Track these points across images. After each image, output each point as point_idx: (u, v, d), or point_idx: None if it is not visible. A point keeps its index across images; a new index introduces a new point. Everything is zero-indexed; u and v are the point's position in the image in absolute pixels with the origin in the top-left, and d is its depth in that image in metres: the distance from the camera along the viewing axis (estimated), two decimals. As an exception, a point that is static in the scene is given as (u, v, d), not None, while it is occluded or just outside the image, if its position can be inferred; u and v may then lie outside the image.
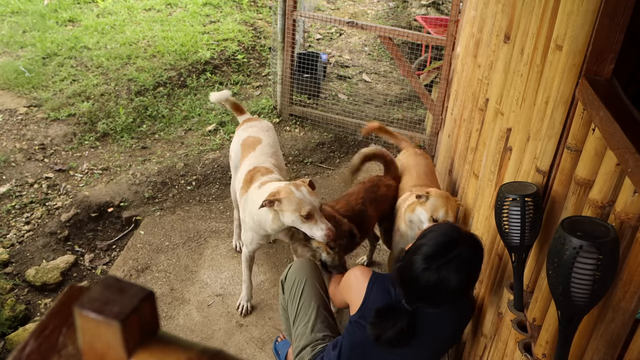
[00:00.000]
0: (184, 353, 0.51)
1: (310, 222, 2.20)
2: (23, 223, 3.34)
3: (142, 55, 5.21)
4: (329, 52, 5.83)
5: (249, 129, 2.90)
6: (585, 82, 1.38)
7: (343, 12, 6.90)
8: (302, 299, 2.17)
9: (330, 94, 5.06)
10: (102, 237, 3.37)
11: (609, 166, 1.22)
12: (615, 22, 1.34)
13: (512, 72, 1.98)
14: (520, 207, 1.50)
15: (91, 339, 0.51)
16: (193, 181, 3.82)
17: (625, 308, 1.15)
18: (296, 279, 2.22)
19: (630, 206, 1.14)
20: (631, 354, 1.13)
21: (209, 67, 5.17)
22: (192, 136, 4.34)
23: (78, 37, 5.44)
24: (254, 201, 2.40)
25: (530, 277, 1.67)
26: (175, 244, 3.26)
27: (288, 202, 2.20)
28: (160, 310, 2.77)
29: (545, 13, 1.64)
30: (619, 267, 1.16)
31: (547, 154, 1.57)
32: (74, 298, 0.55)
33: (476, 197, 2.39)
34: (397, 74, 5.47)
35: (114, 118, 4.37)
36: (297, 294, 2.19)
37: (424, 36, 4.00)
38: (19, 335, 2.62)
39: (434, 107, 4.05)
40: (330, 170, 4.08)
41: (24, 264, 3.08)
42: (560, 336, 1.27)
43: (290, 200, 2.20)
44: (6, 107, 4.44)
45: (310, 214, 2.19)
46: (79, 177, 3.80)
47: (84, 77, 4.85)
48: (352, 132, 4.44)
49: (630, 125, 1.15)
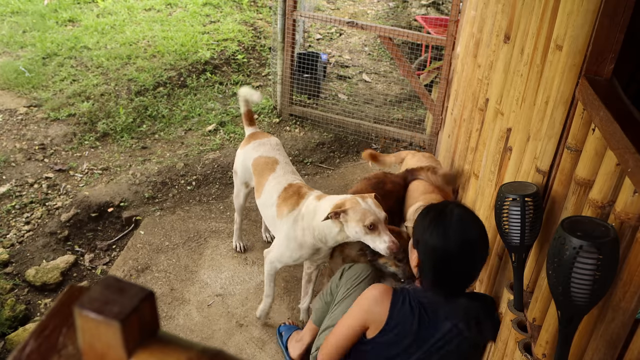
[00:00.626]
0: (184, 353, 0.51)
1: (373, 234, 2.17)
2: (23, 223, 3.34)
3: (142, 55, 5.21)
4: (329, 52, 5.83)
5: (260, 147, 2.83)
6: (585, 82, 1.38)
7: (343, 12, 6.90)
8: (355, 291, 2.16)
9: (330, 94, 5.06)
10: (102, 237, 3.37)
11: (609, 166, 1.22)
12: (615, 22, 1.34)
13: (512, 72, 1.98)
14: (520, 207, 1.50)
15: (91, 339, 0.51)
16: (193, 181, 3.82)
17: (625, 308, 1.15)
18: (360, 275, 2.23)
19: (630, 206, 1.14)
20: (631, 354, 1.13)
21: (209, 67, 5.17)
22: (192, 136, 4.35)
23: (78, 37, 5.44)
24: (315, 215, 2.36)
25: (530, 277, 1.67)
26: (175, 244, 3.26)
27: (353, 212, 2.18)
28: (160, 310, 2.77)
29: (545, 13, 1.64)
30: (619, 267, 1.16)
31: (547, 154, 1.58)
32: (74, 298, 0.55)
33: (476, 197, 2.39)
34: (397, 74, 5.47)
35: (114, 118, 4.37)
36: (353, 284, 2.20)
37: (424, 36, 4.00)
38: (19, 335, 2.62)
39: (434, 107, 4.05)
40: (330, 170, 4.08)
41: (24, 264, 3.08)
42: (560, 336, 1.27)
43: (356, 210, 2.17)
44: (6, 107, 4.44)
45: (374, 225, 2.15)
46: (79, 177, 3.80)
47: (84, 77, 4.85)
48: (352, 132, 4.44)
49: (630, 125, 1.15)
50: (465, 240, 1.62)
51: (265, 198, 2.65)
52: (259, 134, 2.95)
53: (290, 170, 2.73)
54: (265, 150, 2.81)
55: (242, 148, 2.92)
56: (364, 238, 2.20)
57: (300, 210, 2.46)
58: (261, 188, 2.70)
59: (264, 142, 2.86)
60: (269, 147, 2.83)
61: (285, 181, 2.62)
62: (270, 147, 2.83)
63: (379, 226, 2.16)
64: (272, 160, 2.75)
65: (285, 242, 2.51)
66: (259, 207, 2.78)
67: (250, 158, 2.82)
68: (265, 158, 2.77)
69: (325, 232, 2.32)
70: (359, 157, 4.26)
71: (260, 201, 2.73)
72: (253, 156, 2.80)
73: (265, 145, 2.84)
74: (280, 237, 2.55)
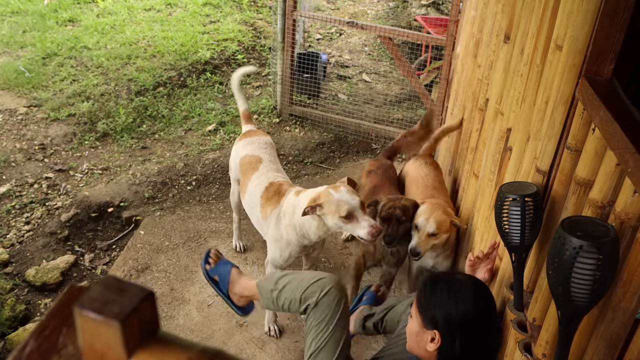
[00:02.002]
0: (184, 353, 0.51)
1: (352, 222, 2.15)
2: (23, 223, 3.34)
3: (142, 55, 5.21)
4: (329, 52, 5.83)
5: (248, 146, 2.82)
6: (585, 82, 1.38)
7: (343, 12, 6.90)
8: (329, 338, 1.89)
9: (330, 94, 5.06)
10: (102, 237, 3.37)
11: (609, 166, 1.22)
12: (615, 22, 1.34)
13: (512, 72, 1.98)
14: (520, 207, 1.50)
15: (91, 339, 0.51)
16: (193, 181, 3.82)
17: (625, 308, 1.15)
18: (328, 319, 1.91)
19: (630, 206, 1.14)
20: (631, 354, 1.13)
21: (209, 67, 5.17)
22: (192, 136, 4.35)
23: (78, 37, 5.44)
24: (294, 211, 2.34)
25: (530, 277, 1.67)
26: (175, 244, 3.26)
27: (328, 205, 2.17)
28: (160, 310, 2.77)
29: (545, 13, 1.64)
30: (619, 267, 1.16)
31: (547, 154, 1.57)
32: (74, 298, 0.55)
33: (476, 197, 2.39)
34: (397, 74, 5.47)
35: (114, 118, 4.37)
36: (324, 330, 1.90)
37: (424, 36, 4.00)
38: (19, 335, 2.62)
39: (434, 107, 4.05)
40: (331, 170, 4.08)
41: (24, 264, 3.08)
42: (560, 336, 1.27)
43: (330, 202, 2.16)
44: (6, 107, 4.44)
45: (350, 214, 2.14)
46: (79, 177, 3.80)
47: (84, 77, 4.85)
48: (352, 132, 4.44)
49: (630, 125, 1.15)
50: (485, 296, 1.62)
51: (249, 198, 2.64)
52: (252, 132, 2.94)
53: (274, 169, 2.70)
54: (252, 148, 2.80)
55: (235, 145, 2.93)
56: (344, 228, 2.19)
57: (281, 208, 2.45)
58: (245, 188, 2.69)
59: (253, 141, 2.84)
60: (256, 145, 2.81)
61: (266, 180, 2.60)
62: (257, 146, 2.81)
63: (355, 213, 2.14)
64: (256, 159, 2.73)
65: (274, 244, 2.50)
66: (246, 210, 2.75)
67: (238, 156, 2.82)
68: (250, 157, 2.76)
69: (305, 227, 2.31)
70: (359, 157, 4.26)
71: (244, 202, 2.72)
72: (241, 154, 2.81)
73: (253, 143, 2.82)
74: (269, 240, 2.54)
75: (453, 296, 1.57)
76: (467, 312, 1.55)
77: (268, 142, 2.87)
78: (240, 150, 2.84)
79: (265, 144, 2.84)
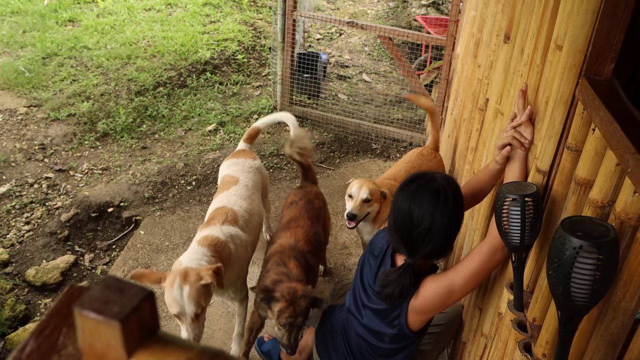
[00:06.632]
0: (184, 353, 0.51)
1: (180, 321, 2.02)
2: (23, 223, 3.34)
3: (142, 55, 5.21)
4: (329, 52, 5.83)
5: (232, 166, 2.76)
6: (585, 82, 1.38)
7: (343, 12, 6.90)
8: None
9: (330, 94, 5.06)
10: (102, 237, 3.37)
11: (609, 166, 1.22)
12: (615, 22, 1.34)
13: (512, 72, 1.98)
14: (520, 207, 1.50)
15: (91, 339, 0.51)
16: (193, 181, 3.82)
17: (625, 308, 1.15)
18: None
19: (630, 206, 1.14)
20: (631, 354, 1.13)
21: (209, 67, 5.17)
22: (192, 136, 4.35)
23: (78, 37, 5.44)
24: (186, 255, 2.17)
25: (530, 277, 1.67)
26: (175, 244, 3.26)
27: (165, 293, 2.02)
28: (161, 310, 2.77)
29: (545, 13, 1.64)
30: (619, 267, 1.16)
31: (547, 154, 1.57)
32: (74, 298, 0.55)
33: (476, 197, 2.38)
34: (397, 74, 5.47)
35: (114, 118, 4.37)
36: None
37: (424, 36, 4.00)
38: (19, 335, 2.62)
39: (436, 106, 4.04)
40: (331, 170, 4.08)
41: (24, 264, 3.08)
42: (560, 336, 1.27)
43: (167, 294, 2.01)
44: (6, 107, 4.44)
45: (177, 316, 2.01)
46: (79, 177, 3.80)
47: (84, 77, 4.85)
48: (352, 132, 4.44)
49: (630, 125, 1.15)
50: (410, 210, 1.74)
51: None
52: (241, 153, 2.88)
53: (245, 196, 2.57)
54: (235, 169, 2.74)
55: (223, 162, 2.88)
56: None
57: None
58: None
59: (239, 162, 2.79)
60: (240, 167, 2.75)
61: (219, 203, 2.50)
62: (240, 168, 2.74)
63: (182, 318, 2.01)
64: (233, 180, 2.66)
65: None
66: None
67: (221, 174, 2.79)
68: (230, 177, 2.70)
69: None
70: (358, 157, 4.26)
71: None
72: (224, 173, 2.77)
73: (238, 165, 2.77)
74: None
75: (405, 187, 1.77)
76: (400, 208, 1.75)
77: (254, 166, 2.79)
78: (224, 170, 2.80)
79: (250, 168, 2.75)
